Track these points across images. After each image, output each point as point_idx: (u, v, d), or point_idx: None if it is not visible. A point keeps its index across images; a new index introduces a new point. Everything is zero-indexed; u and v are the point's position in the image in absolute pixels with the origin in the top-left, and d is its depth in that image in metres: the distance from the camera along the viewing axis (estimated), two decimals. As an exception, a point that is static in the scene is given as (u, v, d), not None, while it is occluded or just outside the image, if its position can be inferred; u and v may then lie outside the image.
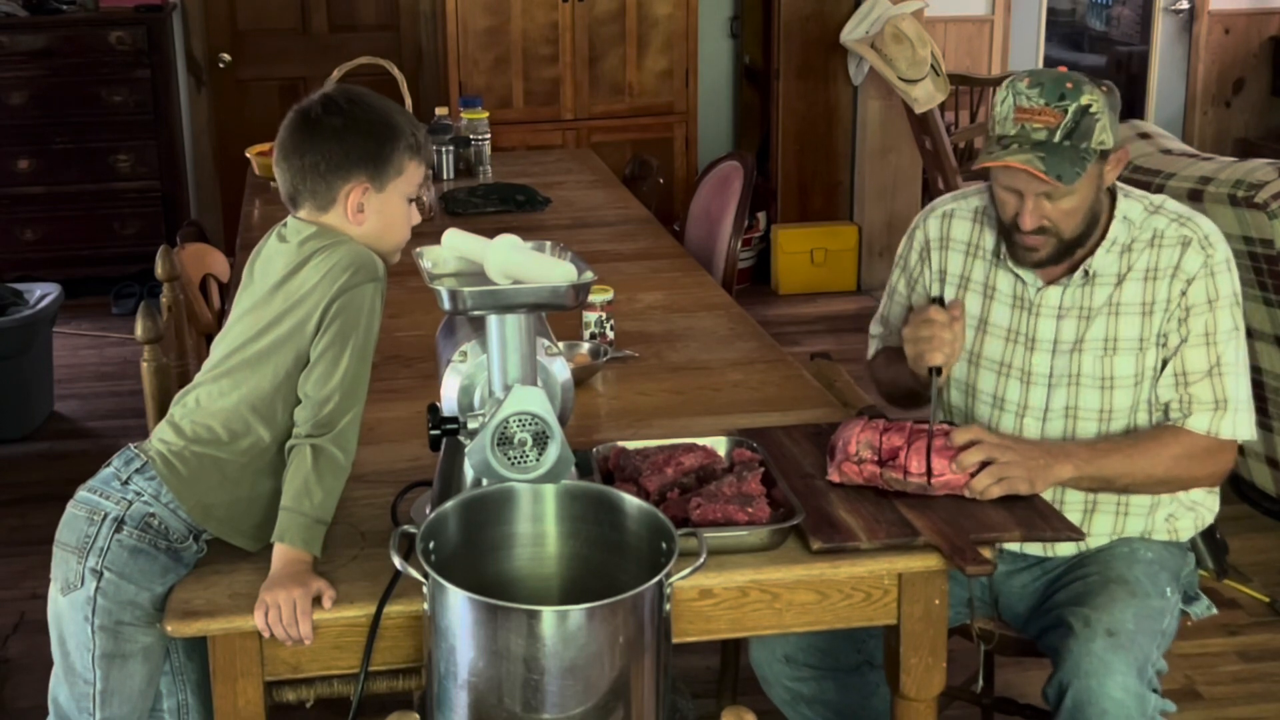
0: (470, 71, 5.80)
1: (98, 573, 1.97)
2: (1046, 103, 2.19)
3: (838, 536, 1.99)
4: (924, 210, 2.53)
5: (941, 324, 2.23)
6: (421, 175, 2.13)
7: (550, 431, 1.89)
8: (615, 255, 3.59)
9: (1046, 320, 2.34)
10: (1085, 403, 2.32)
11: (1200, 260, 2.27)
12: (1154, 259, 2.29)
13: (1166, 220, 2.31)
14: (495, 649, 1.66)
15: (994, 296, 2.40)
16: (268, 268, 2.08)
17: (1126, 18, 7.62)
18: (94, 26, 5.88)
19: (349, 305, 1.98)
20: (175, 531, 1.99)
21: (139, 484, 2.00)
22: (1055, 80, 2.21)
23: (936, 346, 2.23)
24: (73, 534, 2.00)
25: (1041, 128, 2.19)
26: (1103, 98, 2.21)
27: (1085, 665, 2.13)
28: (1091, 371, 2.31)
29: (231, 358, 2.04)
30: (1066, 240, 2.27)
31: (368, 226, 2.07)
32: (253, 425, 2.01)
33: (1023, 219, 2.25)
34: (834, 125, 6.18)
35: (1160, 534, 2.38)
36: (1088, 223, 2.27)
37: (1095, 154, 2.20)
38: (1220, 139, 6.75)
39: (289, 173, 2.08)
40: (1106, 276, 2.31)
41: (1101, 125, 2.19)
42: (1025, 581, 2.43)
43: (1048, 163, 2.17)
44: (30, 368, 4.67)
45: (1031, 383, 2.35)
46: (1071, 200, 2.23)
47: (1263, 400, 3.73)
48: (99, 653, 1.99)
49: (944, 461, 2.08)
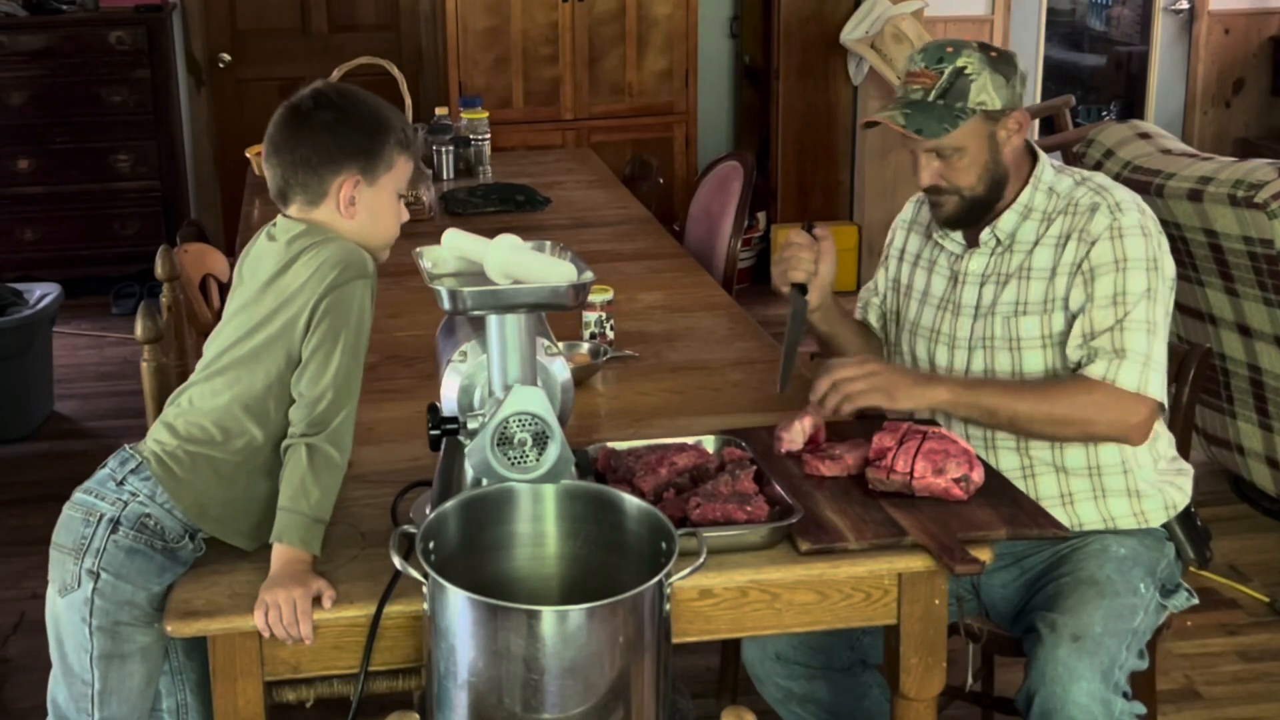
0: (470, 71, 5.80)
1: (94, 574, 1.97)
2: (926, 66, 2.34)
3: (825, 537, 1.99)
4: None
5: (801, 244, 2.44)
6: (410, 171, 2.13)
7: (550, 431, 1.89)
8: (615, 255, 3.59)
9: (970, 287, 2.44)
10: (999, 365, 2.40)
11: (1106, 223, 2.31)
12: (1066, 225, 2.36)
13: (1086, 190, 2.38)
14: (495, 649, 1.66)
15: (934, 270, 2.51)
16: (257, 267, 2.08)
17: (1126, 18, 7.62)
18: (94, 26, 5.88)
19: (339, 302, 1.97)
20: (171, 531, 1.99)
21: (134, 484, 2.00)
22: (938, 46, 2.35)
23: (796, 265, 2.44)
24: (69, 535, 1.99)
25: (919, 88, 2.33)
26: (980, 60, 2.30)
27: (1050, 672, 2.14)
28: (1002, 334, 2.39)
29: (223, 357, 2.04)
30: (968, 198, 2.38)
31: (358, 221, 2.07)
32: (246, 424, 2.00)
33: (918, 175, 2.38)
34: (834, 125, 6.18)
35: (1127, 521, 2.39)
36: (988, 182, 2.36)
37: (973, 112, 2.30)
38: (1220, 139, 6.75)
39: (279, 167, 2.08)
40: (1023, 243, 2.39)
41: (979, 85, 2.29)
42: (1005, 580, 2.44)
43: (909, 118, 2.31)
44: (30, 368, 4.67)
45: (955, 347, 2.45)
46: (962, 159, 2.33)
47: (1263, 400, 3.73)
48: (97, 653, 1.99)
49: (926, 464, 2.08)
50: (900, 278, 2.58)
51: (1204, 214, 3.56)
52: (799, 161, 6.21)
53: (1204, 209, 3.55)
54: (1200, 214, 3.57)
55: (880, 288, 2.64)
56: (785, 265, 2.46)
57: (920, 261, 2.55)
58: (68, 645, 2.01)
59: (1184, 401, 2.53)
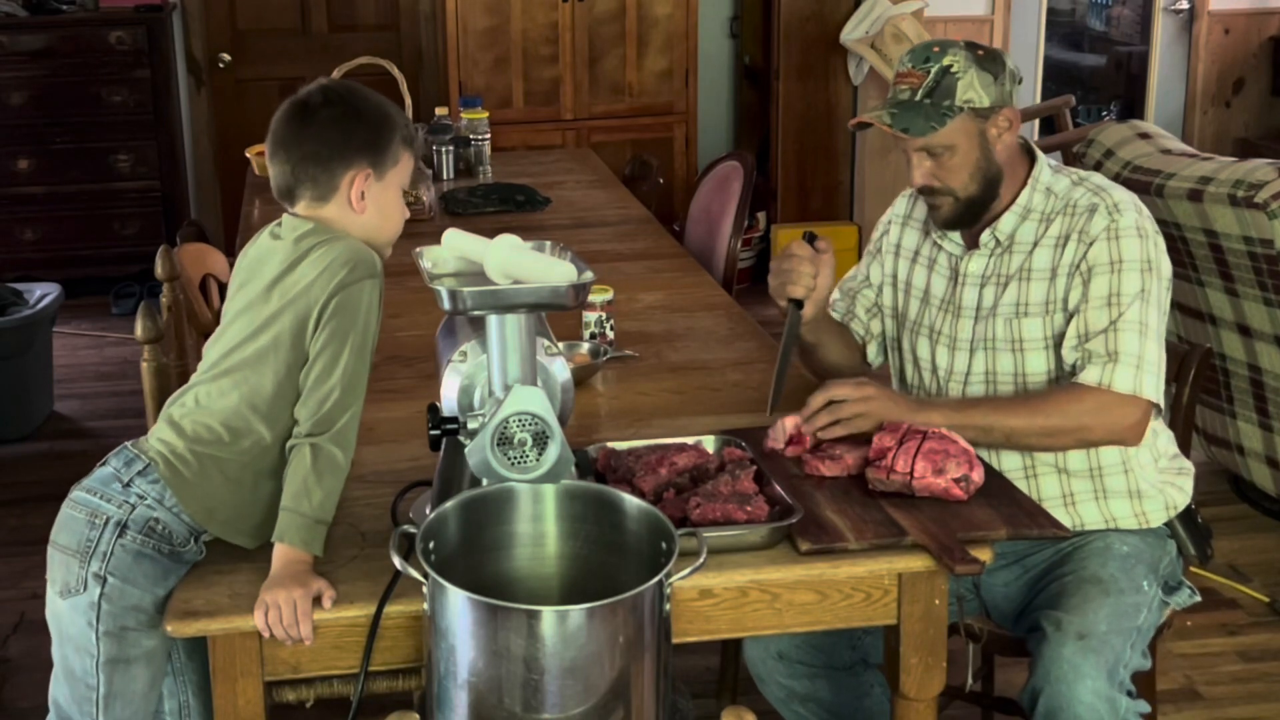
0: (470, 71, 5.80)
1: (101, 578, 1.95)
2: (913, 66, 2.33)
3: (825, 537, 1.99)
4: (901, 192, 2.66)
5: (802, 258, 2.37)
6: (412, 168, 2.13)
7: (550, 431, 1.89)
8: (615, 255, 3.59)
9: (970, 289, 2.43)
10: (1001, 366, 2.40)
11: (1104, 224, 2.31)
12: (1065, 225, 2.35)
13: (1084, 191, 2.38)
14: (495, 649, 1.66)
15: (934, 269, 2.50)
16: (261, 266, 2.06)
17: (1126, 18, 7.61)
18: (94, 26, 5.88)
19: (347, 302, 1.97)
20: (178, 535, 1.99)
21: (141, 487, 1.99)
22: (925, 46, 2.35)
23: (796, 279, 2.37)
24: (72, 537, 1.98)
25: (906, 88, 2.33)
26: (967, 59, 2.30)
27: (1055, 670, 2.14)
28: (1004, 335, 2.38)
29: (230, 357, 2.03)
30: (962, 199, 2.37)
31: (367, 217, 2.07)
32: (254, 425, 2.00)
33: (911, 175, 2.37)
34: (834, 125, 6.18)
35: (1128, 522, 2.39)
36: (982, 182, 2.35)
37: (960, 110, 2.29)
38: (1220, 139, 6.75)
39: (286, 164, 2.06)
40: (1022, 244, 2.38)
41: (965, 83, 2.29)
42: (1007, 579, 2.44)
43: (896, 117, 2.30)
44: (30, 368, 4.67)
45: (956, 348, 2.44)
46: (953, 158, 2.32)
47: (1263, 400, 3.73)
48: (103, 658, 1.98)
49: (926, 464, 2.08)
50: (899, 274, 2.57)
51: (1204, 214, 3.56)
52: (799, 161, 6.21)
53: (1204, 209, 3.55)
54: (1200, 214, 3.57)
55: (874, 280, 2.61)
56: (784, 278, 2.39)
57: (920, 259, 2.54)
58: (70, 648, 2.00)
59: (1184, 401, 2.53)
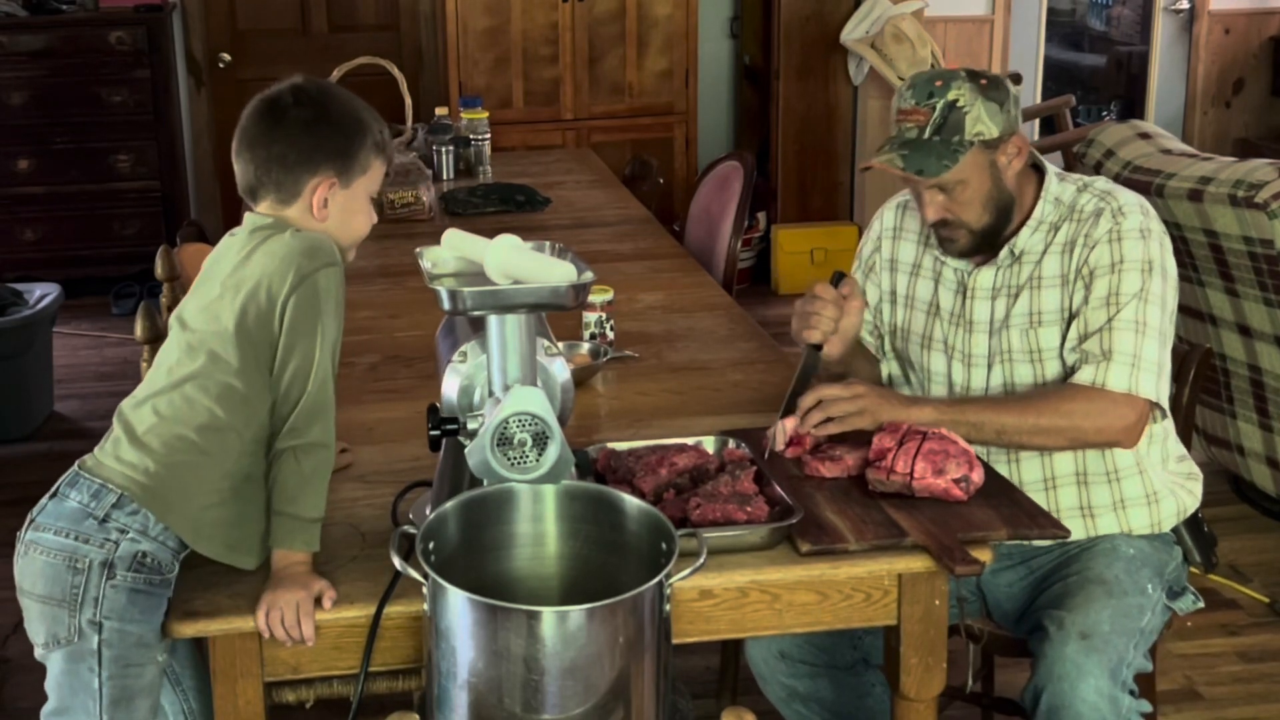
0: (470, 71, 5.80)
1: (97, 624, 1.88)
2: (917, 103, 2.29)
3: (826, 538, 1.99)
4: (885, 204, 2.60)
5: (825, 301, 2.31)
6: (383, 174, 2.09)
7: (550, 432, 1.89)
8: (615, 255, 3.59)
9: (981, 302, 2.40)
10: (1019, 378, 2.37)
11: (1107, 226, 2.31)
12: (1071, 231, 2.34)
13: (1089, 196, 2.36)
14: (495, 649, 1.66)
15: (940, 282, 2.46)
16: (216, 265, 2.01)
17: (1126, 18, 7.62)
18: (94, 26, 5.88)
19: (311, 293, 1.92)
20: (166, 564, 1.92)
21: (121, 520, 1.90)
22: (927, 80, 2.30)
23: (816, 324, 2.31)
24: (53, 585, 1.88)
25: (912, 126, 2.29)
26: (972, 90, 2.27)
27: (1058, 669, 2.14)
28: (1020, 346, 2.36)
29: (192, 360, 1.94)
30: (977, 230, 2.34)
31: (330, 222, 2.03)
32: (228, 427, 1.92)
33: (923, 211, 2.34)
34: (834, 125, 6.18)
35: (1142, 528, 2.38)
36: (995, 211, 2.33)
37: (972, 144, 2.27)
38: (1220, 139, 6.75)
39: (252, 163, 2.01)
40: (1032, 254, 2.37)
41: (973, 116, 2.26)
42: (1011, 580, 2.43)
43: (908, 159, 2.26)
44: (30, 368, 4.67)
45: (972, 364, 2.41)
46: (965, 191, 2.30)
47: (1263, 400, 3.73)
48: (107, 701, 1.92)
49: (926, 464, 2.08)
50: (898, 288, 2.52)
51: (1204, 214, 3.56)
52: (799, 161, 6.21)
53: (1204, 209, 3.54)
54: (1200, 214, 3.57)
55: (871, 301, 2.55)
56: (804, 321, 2.31)
57: (921, 271, 2.49)
58: (68, 692, 1.92)
59: (1184, 401, 2.53)
